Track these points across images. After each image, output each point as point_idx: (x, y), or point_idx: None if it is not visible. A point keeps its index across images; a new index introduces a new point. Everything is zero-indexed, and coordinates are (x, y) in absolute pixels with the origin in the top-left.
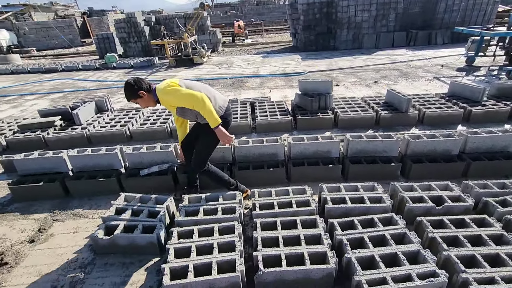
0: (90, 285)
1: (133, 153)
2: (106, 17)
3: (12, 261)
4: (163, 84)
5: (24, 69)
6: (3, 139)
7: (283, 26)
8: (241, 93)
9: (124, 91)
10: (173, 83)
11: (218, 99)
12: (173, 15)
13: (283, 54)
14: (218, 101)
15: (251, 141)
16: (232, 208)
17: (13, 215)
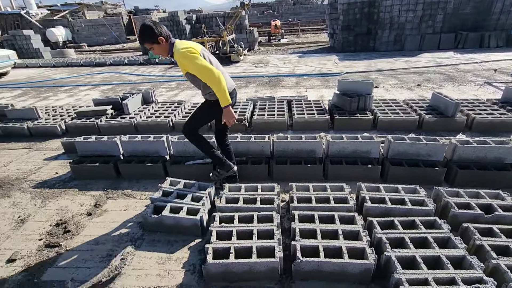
0: (140, 257)
1: (179, 142)
2: (149, 15)
3: (74, 229)
4: (184, 44)
5: (77, 63)
6: (63, 124)
7: (320, 26)
8: (277, 91)
9: (141, 33)
10: (194, 49)
11: (228, 82)
12: (213, 14)
13: (319, 54)
14: (228, 83)
15: (290, 137)
16: (270, 199)
17: (73, 191)
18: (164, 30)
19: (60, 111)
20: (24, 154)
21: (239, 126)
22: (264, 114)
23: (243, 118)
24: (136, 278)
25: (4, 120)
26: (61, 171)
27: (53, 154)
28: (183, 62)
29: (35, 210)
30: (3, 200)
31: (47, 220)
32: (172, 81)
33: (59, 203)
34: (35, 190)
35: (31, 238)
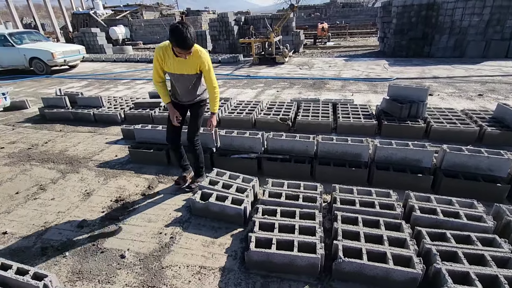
0: (187, 238)
1: (226, 135)
2: (200, 16)
3: (130, 206)
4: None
5: (134, 59)
6: (122, 112)
7: (369, 30)
8: (322, 93)
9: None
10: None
11: None
12: (261, 16)
13: (367, 58)
14: None
15: (335, 138)
16: (312, 198)
17: (129, 172)
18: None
19: (120, 101)
20: (90, 137)
21: (282, 126)
22: (308, 115)
23: (287, 118)
24: (183, 256)
25: (75, 106)
26: (120, 154)
27: (114, 139)
28: (204, 61)
29: (99, 186)
30: (73, 175)
31: (108, 196)
32: (218, 79)
33: (118, 182)
34: (98, 169)
35: (95, 209)
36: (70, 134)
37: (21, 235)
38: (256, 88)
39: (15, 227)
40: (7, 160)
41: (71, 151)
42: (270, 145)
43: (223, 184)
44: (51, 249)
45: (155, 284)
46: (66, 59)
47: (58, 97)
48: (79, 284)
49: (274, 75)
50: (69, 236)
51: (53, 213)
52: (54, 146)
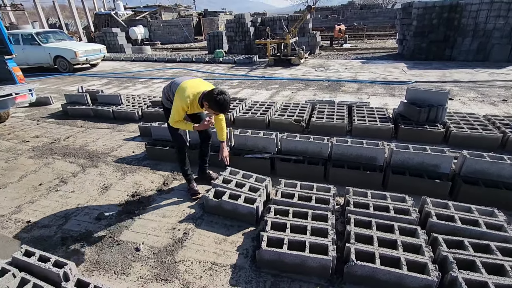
0: (199, 235)
1: (240, 135)
2: (217, 17)
3: (146, 202)
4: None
5: (152, 58)
6: (140, 110)
7: (388, 32)
8: (337, 96)
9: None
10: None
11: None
12: (277, 17)
13: (385, 61)
14: None
15: (350, 141)
16: (325, 200)
17: (145, 169)
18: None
19: (137, 100)
20: (108, 133)
21: (296, 127)
22: (322, 117)
23: (301, 119)
24: (195, 252)
25: (95, 103)
26: (137, 151)
27: (131, 136)
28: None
29: (116, 181)
30: (92, 169)
31: (125, 190)
32: (234, 80)
33: (134, 177)
34: (116, 164)
35: (112, 203)
36: (90, 130)
37: (43, 225)
38: (271, 89)
39: (38, 216)
40: (31, 153)
41: (91, 146)
42: (283, 146)
43: (236, 183)
44: (70, 239)
45: (168, 278)
46: (88, 57)
47: (80, 94)
48: (96, 274)
49: (289, 77)
50: (88, 228)
51: (73, 205)
52: (75, 141)
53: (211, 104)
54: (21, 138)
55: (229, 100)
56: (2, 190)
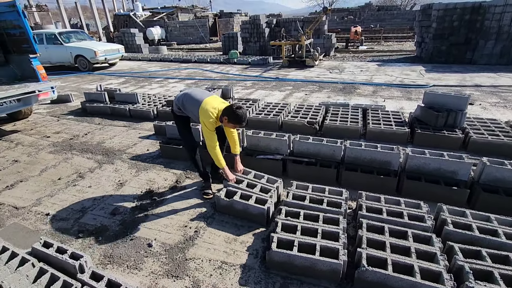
0: (210, 233)
1: (253, 136)
2: (232, 18)
3: (159, 199)
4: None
5: (168, 58)
6: (155, 109)
7: (406, 34)
8: (352, 98)
9: (246, 119)
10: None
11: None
12: (293, 18)
13: (402, 64)
14: None
15: (364, 144)
16: (337, 203)
17: (159, 167)
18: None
19: (153, 99)
20: (124, 131)
21: (309, 129)
22: (336, 120)
23: (314, 121)
24: (206, 250)
25: (113, 102)
26: (151, 149)
27: (146, 134)
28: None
29: (131, 178)
30: (109, 166)
31: (139, 187)
32: (247, 80)
33: (148, 175)
34: (131, 161)
35: (127, 199)
36: (107, 127)
37: (61, 218)
38: (284, 90)
39: (56, 209)
40: (52, 148)
41: (107, 143)
42: (296, 148)
43: (247, 183)
44: (86, 233)
45: (178, 274)
46: (106, 57)
47: (99, 93)
48: (110, 267)
49: (303, 78)
50: (103, 222)
51: (89, 199)
52: (92, 138)
53: (231, 118)
54: (42, 133)
55: (247, 114)
56: (24, 183)
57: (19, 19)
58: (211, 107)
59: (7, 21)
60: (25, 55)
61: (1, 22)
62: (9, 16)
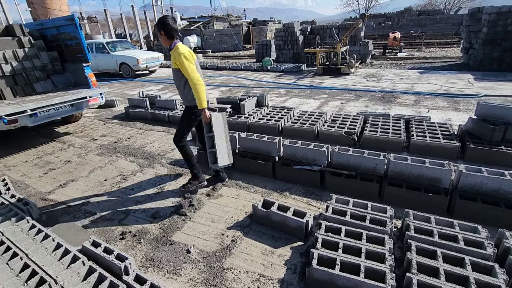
0: (247, 244)
1: (290, 145)
2: (266, 26)
3: (196, 205)
4: (184, 49)
5: (204, 65)
6: None
7: (450, 40)
8: (392, 108)
9: (158, 20)
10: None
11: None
12: (328, 25)
13: (447, 71)
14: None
15: (410, 158)
16: (381, 221)
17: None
18: (169, 28)
19: None
20: (164, 136)
21: (347, 140)
22: (376, 131)
23: (352, 132)
24: (243, 261)
25: (153, 107)
26: None
27: None
28: (178, 60)
29: (170, 182)
30: (149, 170)
31: (177, 192)
32: (281, 88)
33: (186, 180)
34: (170, 166)
35: (166, 204)
36: (148, 132)
37: (106, 218)
38: (319, 98)
39: (103, 210)
40: (98, 150)
41: (148, 147)
42: (335, 159)
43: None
44: (129, 234)
45: (216, 284)
46: (147, 65)
47: (141, 99)
48: (151, 271)
49: (339, 86)
50: (144, 225)
51: (132, 201)
52: (135, 142)
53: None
54: (90, 136)
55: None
56: (75, 183)
57: (76, 31)
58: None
59: (66, 33)
60: (79, 64)
61: (60, 34)
62: (68, 29)
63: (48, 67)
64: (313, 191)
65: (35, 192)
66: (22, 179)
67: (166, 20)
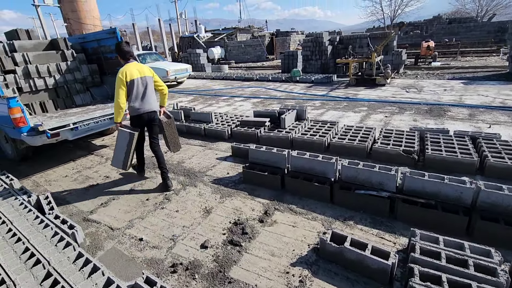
0: (319, 286)
1: (350, 167)
2: (289, 37)
3: (250, 233)
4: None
5: (230, 76)
6: (229, 129)
7: (488, 48)
8: (445, 123)
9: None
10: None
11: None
12: (358, 35)
13: (495, 82)
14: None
15: (507, 188)
16: (489, 269)
17: (243, 194)
18: (124, 52)
19: (225, 118)
20: (201, 151)
21: (406, 159)
22: (440, 150)
23: (412, 150)
24: None
25: (187, 120)
26: (231, 172)
27: (223, 155)
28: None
29: (216, 204)
30: (192, 189)
31: (227, 216)
32: (315, 100)
33: (233, 202)
34: (213, 185)
35: (216, 230)
36: (184, 146)
37: (154, 245)
38: (359, 111)
39: (148, 234)
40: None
41: (187, 163)
42: (407, 185)
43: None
44: (180, 267)
45: None
46: (176, 76)
47: (176, 111)
48: None
49: (377, 98)
50: (195, 256)
51: (179, 226)
52: (172, 157)
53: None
54: None
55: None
56: (116, 201)
57: None
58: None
59: (106, 46)
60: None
61: (101, 47)
62: (108, 42)
63: (88, 79)
64: (381, 220)
65: (77, 211)
66: (63, 196)
67: (120, 45)
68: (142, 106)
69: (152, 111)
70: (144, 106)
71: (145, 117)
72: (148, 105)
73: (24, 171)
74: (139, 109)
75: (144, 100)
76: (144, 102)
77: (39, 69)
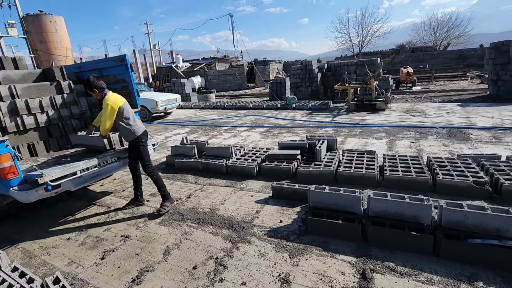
0: None
1: (451, 208)
2: (268, 66)
3: None
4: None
5: (221, 105)
6: (257, 165)
7: (456, 73)
8: (478, 147)
9: (84, 83)
10: (116, 104)
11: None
12: (345, 63)
13: (484, 103)
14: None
15: None
16: None
17: (316, 249)
18: (98, 84)
19: (245, 152)
20: (231, 192)
21: (478, 192)
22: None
23: (483, 181)
24: None
25: (201, 156)
26: (284, 220)
27: (261, 197)
28: (104, 106)
29: (291, 269)
30: (246, 246)
31: (314, 287)
32: (325, 127)
33: (311, 264)
34: (271, 239)
35: None
36: (207, 187)
37: None
38: (379, 138)
39: None
40: (159, 218)
41: (221, 210)
42: None
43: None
44: None
45: None
46: (166, 106)
47: (187, 146)
48: None
49: (386, 123)
50: None
51: None
52: (199, 202)
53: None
54: None
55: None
56: (152, 274)
57: (126, 73)
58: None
59: (110, 75)
60: None
61: (103, 77)
62: (114, 71)
63: (87, 114)
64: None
65: None
66: (73, 270)
67: (91, 80)
68: (137, 127)
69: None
70: (138, 128)
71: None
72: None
73: (7, 235)
74: (136, 132)
75: (137, 122)
76: (137, 123)
77: (30, 104)
